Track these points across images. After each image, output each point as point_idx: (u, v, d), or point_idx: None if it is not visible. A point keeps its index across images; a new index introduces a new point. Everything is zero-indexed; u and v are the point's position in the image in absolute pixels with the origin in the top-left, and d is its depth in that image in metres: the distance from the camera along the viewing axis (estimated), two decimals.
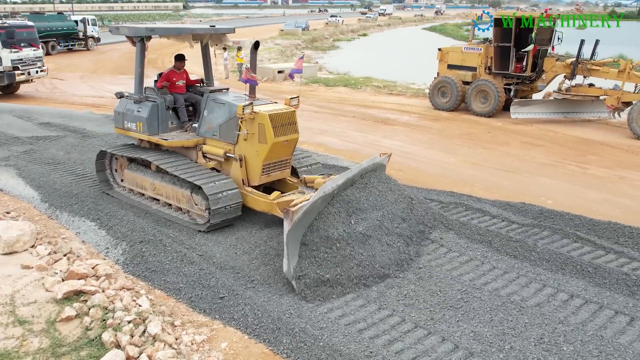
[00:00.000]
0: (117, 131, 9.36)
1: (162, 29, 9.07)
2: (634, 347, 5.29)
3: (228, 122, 8.07)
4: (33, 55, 20.01)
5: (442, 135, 15.08)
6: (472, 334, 5.47)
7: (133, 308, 5.79)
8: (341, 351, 5.17)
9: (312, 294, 6.05)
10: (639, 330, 5.59)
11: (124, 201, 8.99)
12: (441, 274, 6.65)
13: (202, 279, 6.47)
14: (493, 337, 5.43)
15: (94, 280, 6.36)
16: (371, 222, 6.88)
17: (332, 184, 6.75)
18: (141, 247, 7.22)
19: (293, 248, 6.20)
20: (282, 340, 5.41)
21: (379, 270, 6.49)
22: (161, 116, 8.76)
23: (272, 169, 8.12)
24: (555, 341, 5.37)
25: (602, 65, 16.30)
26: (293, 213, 6.02)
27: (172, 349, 5.12)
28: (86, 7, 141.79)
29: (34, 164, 10.79)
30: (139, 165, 9.07)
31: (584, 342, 5.36)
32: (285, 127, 7.80)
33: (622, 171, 11.92)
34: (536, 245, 7.27)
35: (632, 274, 6.55)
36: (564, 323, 5.68)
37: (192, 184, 7.85)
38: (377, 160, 7.87)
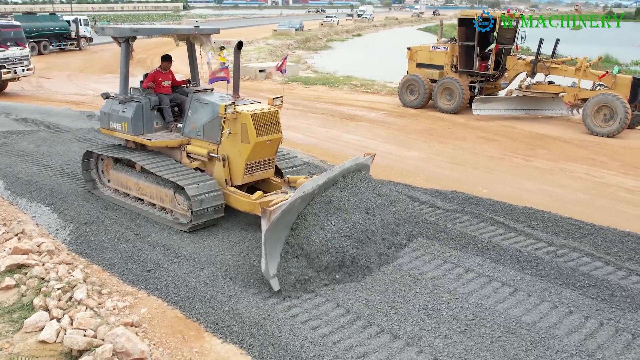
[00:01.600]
0: (103, 132, 9.46)
1: (145, 29, 9.26)
2: (508, 313, 5.92)
3: (212, 122, 8.13)
4: (19, 54, 20.60)
5: (403, 130, 15.71)
6: (365, 301, 6.12)
7: (66, 278, 6.44)
8: (242, 314, 5.83)
9: (288, 293, 6.19)
10: (518, 300, 6.23)
11: (109, 201, 9.13)
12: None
13: (134, 255, 7.13)
14: (383, 304, 6.07)
15: (37, 255, 7.02)
16: (351, 223, 6.90)
17: (312, 184, 6.77)
18: (85, 228, 7.88)
19: (271, 248, 6.23)
20: (194, 306, 6.06)
21: (359, 268, 6.65)
22: (146, 116, 8.82)
23: (255, 168, 8.18)
24: (437, 307, 6.01)
25: (561, 64, 16.94)
26: (270, 212, 6.06)
27: (92, 311, 5.76)
28: (86, 7, 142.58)
29: (3, 156, 11.45)
30: (125, 165, 9.14)
31: (463, 308, 6.00)
32: (267, 126, 7.83)
33: (565, 164, 12.54)
34: (446, 226, 7.91)
35: (524, 250, 7.20)
36: (451, 292, 6.32)
37: (175, 184, 7.92)
38: (360, 160, 7.90)
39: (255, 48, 45.29)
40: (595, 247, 7.66)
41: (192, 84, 9.81)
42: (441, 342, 5.39)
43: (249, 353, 5.31)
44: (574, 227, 8.20)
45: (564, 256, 7.29)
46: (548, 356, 5.18)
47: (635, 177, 11.59)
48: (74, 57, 36.46)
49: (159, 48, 34.78)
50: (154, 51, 35.40)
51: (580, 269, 6.76)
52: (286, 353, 5.21)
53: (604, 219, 8.69)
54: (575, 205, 9.62)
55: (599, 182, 11.24)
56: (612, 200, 10.07)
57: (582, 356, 5.18)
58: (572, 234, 8.03)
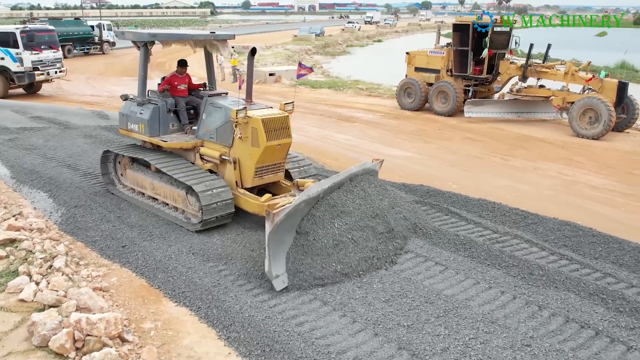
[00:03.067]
0: (122, 132, 9.80)
1: (163, 34, 9.42)
2: (433, 287, 6.61)
3: (224, 126, 8.33)
4: (53, 56, 21.72)
5: (393, 131, 16.41)
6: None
7: (49, 251, 7.35)
8: (196, 283, 6.65)
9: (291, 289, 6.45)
10: (445, 277, 6.91)
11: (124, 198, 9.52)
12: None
13: (113, 234, 8.03)
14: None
15: (28, 232, 7.94)
16: (354, 225, 7.11)
17: (317, 188, 6.91)
18: (74, 211, 8.81)
19: (274, 249, 6.42)
20: (158, 276, 6.91)
21: (357, 269, 6.89)
22: (162, 118, 9.09)
23: (265, 171, 8.37)
24: (369, 281, 6.75)
25: (551, 68, 17.47)
26: (274, 215, 6.25)
27: (67, 277, 6.64)
28: (115, 12, 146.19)
29: (14, 150, 12.50)
30: (141, 165, 9.44)
31: (393, 282, 6.72)
32: (278, 131, 7.99)
33: (540, 163, 13.12)
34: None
35: (461, 234, 7.89)
36: (388, 270, 7.05)
37: (187, 185, 8.15)
38: (367, 165, 8.02)
39: (272, 53, 46.35)
40: (536, 234, 8.30)
41: (207, 88, 10.08)
42: (364, 308, 6.13)
43: (196, 314, 6.11)
44: (519, 216, 8.85)
45: (505, 242, 7.95)
46: (455, 322, 5.88)
47: (605, 177, 12.12)
48: (96, 60, 37.96)
49: (177, 53, 35.98)
50: (173, 55, 36.56)
51: (506, 251, 7.44)
52: (227, 314, 6.01)
53: (560, 213, 9.21)
54: (538, 201, 10.21)
55: (568, 180, 11.80)
56: (575, 197, 10.64)
57: (486, 322, 5.87)
58: (517, 222, 8.68)
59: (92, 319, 5.37)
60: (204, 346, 5.58)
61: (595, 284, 6.55)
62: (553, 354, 5.31)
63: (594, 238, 8.00)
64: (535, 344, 5.47)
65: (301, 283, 6.51)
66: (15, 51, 20.20)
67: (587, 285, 6.52)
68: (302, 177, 8.98)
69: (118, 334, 5.43)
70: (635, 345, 5.49)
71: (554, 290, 6.54)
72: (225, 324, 5.88)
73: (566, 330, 5.77)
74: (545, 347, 5.43)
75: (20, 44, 20.12)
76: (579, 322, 5.87)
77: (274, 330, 5.69)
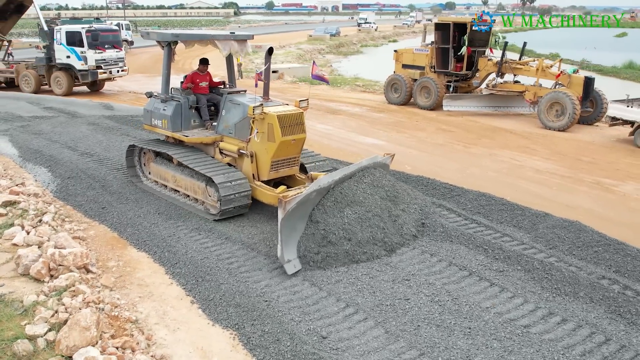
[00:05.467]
0: (146, 127, 10.36)
1: (185, 34, 9.92)
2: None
3: (242, 122, 8.78)
4: (115, 56, 22.27)
5: (373, 123, 17.72)
6: (249, 233, 8.31)
7: (41, 209, 8.89)
8: (156, 234, 8.12)
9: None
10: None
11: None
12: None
13: (96, 198, 9.56)
14: (261, 240, 8.24)
15: (26, 196, 9.50)
16: (363, 215, 7.47)
17: (328, 179, 7.35)
18: (67, 182, 10.37)
19: (286, 235, 6.86)
20: (127, 230, 8.39)
21: (365, 255, 7.30)
22: (184, 115, 9.58)
23: (281, 165, 8.74)
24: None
25: (525, 65, 18.60)
26: (286, 203, 6.68)
27: (51, 228, 8.16)
28: (141, 12, 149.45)
29: (24, 134, 14.16)
30: (164, 159, 10.01)
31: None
32: (293, 127, 8.36)
33: (498, 150, 14.32)
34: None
35: None
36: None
37: (207, 177, 8.70)
38: (378, 159, 8.43)
39: (285, 52, 47.82)
40: (457, 204, 9.59)
41: (227, 86, 10.55)
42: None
43: (152, 257, 7.57)
44: (446, 190, 10.15)
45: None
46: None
47: (553, 162, 13.27)
48: None
49: (191, 52, 37.73)
50: (187, 54, 38.34)
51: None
52: (175, 256, 7.48)
53: (494, 190, 10.36)
54: (481, 181, 11.41)
55: (517, 164, 13.00)
56: (515, 178, 11.84)
57: (406, 274, 7.21)
58: (444, 195, 9.98)
59: (63, 252, 6.86)
60: (153, 278, 7.04)
61: (484, 238, 7.84)
62: (427, 286, 6.64)
63: (503, 206, 9.29)
64: (414, 280, 6.81)
65: (308, 264, 7.04)
66: (80, 50, 20.89)
67: (475, 239, 7.82)
68: (316, 171, 9.32)
69: (84, 265, 6.91)
70: (497, 282, 6.78)
71: (448, 244, 7.84)
72: (172, 262, 7.34)
73: (445, 271, 7.09)
74: (421, 280, 6.76)
75: (85, 43, 20.81)
76: (458, 266, 7.18)
77: (208, 266, 7.14)
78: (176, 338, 5.77)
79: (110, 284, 6.79)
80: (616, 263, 7.34)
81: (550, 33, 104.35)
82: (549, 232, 8.28)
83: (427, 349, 5.46)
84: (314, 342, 5.53)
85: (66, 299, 6.05)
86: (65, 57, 21.21)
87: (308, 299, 6.39)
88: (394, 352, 5.41)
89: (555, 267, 6.98)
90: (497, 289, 6.64)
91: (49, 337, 5.46)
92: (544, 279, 6.81)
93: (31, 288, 6.45)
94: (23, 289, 6.44)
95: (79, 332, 5.29)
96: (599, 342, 5.65)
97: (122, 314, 6.00)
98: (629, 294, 6.49)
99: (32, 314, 5.88)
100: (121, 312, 6.04)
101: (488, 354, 5.38)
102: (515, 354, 5.40)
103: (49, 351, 5.31)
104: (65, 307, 5.91)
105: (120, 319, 5.87)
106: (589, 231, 8.19)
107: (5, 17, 23.93)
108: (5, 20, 24.30)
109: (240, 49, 9.81)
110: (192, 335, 5.82)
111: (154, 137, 11.01)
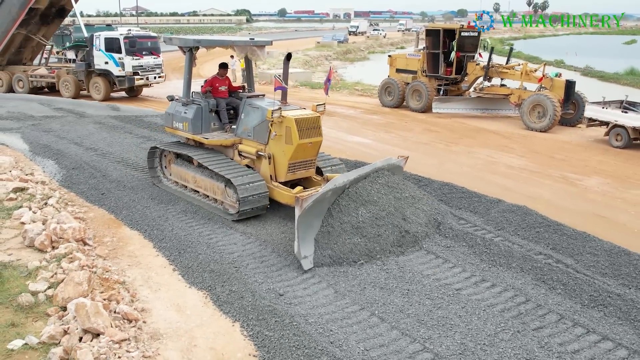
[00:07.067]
0: (167, 130, 10.72)
1: (207, 40, 10.32)
2: None
3: (261, 125, 9.01)
4: (153, 62, 22.74)
5: (364, 124, 18.67)
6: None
7: (47, 194, 9.94)
8: (147, 215, 9.13)
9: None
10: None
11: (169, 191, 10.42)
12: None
13: (97, 186, 10.59)
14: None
15: (33, 183, 10.56)
16: (375, 214, 7.76)
17: (343, 178, 7.65)
18: (72, 172, 11.42)
19: (303, 232, 7.12)
20: (122, 212, 9.40)
21: (376, 253, 7.55)
22: (204, 118, 9.87)
23: (298, 167, 8.98)
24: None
25: (510, 69, 19.49)
26: (302, 200, 6.96)
27: (55, 209, 9.19)
28: (154, 20, 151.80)
29: (35, 132, 15.28)
30: (184, 160, 10.34)
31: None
32: (310, 130, 8.65)
33: (477, 149, 15.18)
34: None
35: None
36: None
37: (226, 178, 8.93)
38: (392, 161, 8.73)
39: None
40: (423, 192, 10.49)
41: (247, 90, 10.83)
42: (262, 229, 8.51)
43: (142, 234, 8.57)
44: (414, 180, 11.04)
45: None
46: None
47: (527, 159, 14.13)
48: None
49: (207, 57, 39.00)
50: (202, 59, 39.55)
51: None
52: (162, 233, 8.47)
53: (464, 182, 11.19)
54: (454, 175, 12.23)
55: (491, 161, 13.89)
56: (487, 173, 12.72)
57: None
58: (415, 184, 10.89)
59: (63, 227, 7.89)
60: (142, 251, 8.04)
61: (438, 220, 8.73)
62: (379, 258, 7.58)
63: (463, 194, 10.22)
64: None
65: (323, 260, 7.30)
66: (118, 56, 21.38)
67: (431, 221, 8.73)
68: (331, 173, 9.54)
69: (81, 238, 7.93)
70: (442, 255, 7.70)
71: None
72: (159, 238, 8.34)
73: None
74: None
75: (123, 50, 21.33)
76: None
77: (190, 241, 8.13)
78: (157, 296, 6.74)
79: (104, 255, 7.80)
80: (553, 241, 8.23)
81: (560, 40, 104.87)
82: (499, 215, 9.18)
83: (367, 304, 6.40)
84: (271, 298, 6.49)
85: (64, 264, 7.08)
86: (103, 63, 21.75)
87: (273, 267, 7.36)
88: (338, 306, 6.36)
89: (494, 242, 7.89)
90: (441, 260, 7.56)
91: (48, 292, 6.49)
92: (484, 253, 7.72)
93: (35, 257, 7.47)
94: (28, 257, 7.46)
95: (72, 286, 6.28)
96: (519, 302, 6.56)
97: (111, 277, 6.99)
98: (554, 264, 7.38)
99: (34, 275, 6.91)
100: (111, 276, 7.03)
101: (419, 309, 6.31)
102: (443, 309, 6.31)
103: (47, 303, 6.32)
104: (63, 269, 6.93)
105: (110, 281, 6.86)
106: (534, 214, 9.08)
107: (47, 21, 24.67)
108: (48, 25, 25.09)
109: (260, 54, 10.10)
110: (170, 294, 6.80)
111: (169, 139, 11.67)
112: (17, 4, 22.48)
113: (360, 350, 5.51)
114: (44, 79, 24.28)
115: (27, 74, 24.34)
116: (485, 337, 5.76)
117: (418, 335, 5.79)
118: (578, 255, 7.81)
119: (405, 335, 5.79)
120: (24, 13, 22.58)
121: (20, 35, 24.06)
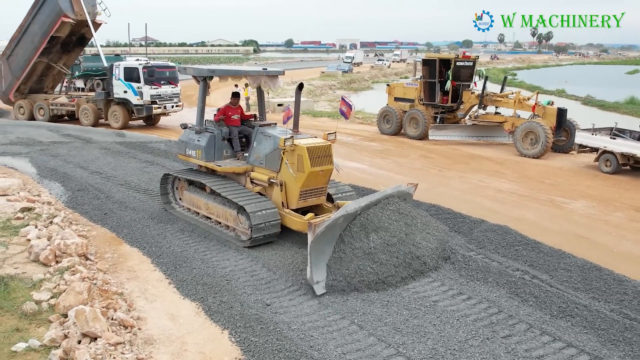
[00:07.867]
0: (180, 157, 10.91)
1: (221, 70, 10.65)
2: None
3: (273, 153, 9.18)
4: (170, 92, 23.09)
5: (362, 150, 19.22)
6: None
7: (53, 214, 10.46)
8: (147, 233, 9.63)
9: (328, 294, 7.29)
10: None
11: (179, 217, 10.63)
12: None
13: (100, 206, 11.12)
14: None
15: (40, 204, 11.10)
16: (386, 241, 7.82)
17: (354, 205, 7.74)
18: (77, 193, 11.97)
19: (315, 258, 7.24)
20: (123, 230, 9.89)
21: (386, 282, 7.59)
22: (217, 145, 10.02)
23: (309, 194, 9.09)
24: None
25: (504, 97, 20.10)
26: (315, 226, 7.07)
27: (59, 227, 9.71)
28: (162, 50, 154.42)
29: (43, 156, 15.91)
30: (197, 187, 10.51)
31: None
32: (321, 158, 8.77)
33: (470, 174, 15.65)
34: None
35: None
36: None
37: (238, 205, 9.05)
38: (401, 188, 8.86)
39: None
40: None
41: (259, 119, 11.02)
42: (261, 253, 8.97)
43: (141, 250, 9.05)
44: None
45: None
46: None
47: (517, 184, 14.59)
48: None
49: (212, 85, 39.95)
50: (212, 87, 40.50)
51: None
52: (160, 249, 8.96)
53: (453, 205, 11.58)
54: (445, 198, 12.67)
55: (482, 185, 14.35)
56: (476, 196, 13.17)
57: None
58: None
59: (67, 242, 8.41)
60: (140, 266, 8.51)
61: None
62: None
63: (448, 215, 10.69)
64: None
65: (336, 285, 7.40)
66: (137, 85, 21.87)
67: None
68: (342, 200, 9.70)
69: (83, 253, 8.43)
70: (427, 274, 8.13)
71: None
72: (157, 254, 8.82)
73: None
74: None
75: (141, 79, 21.81)
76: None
77: (185, 257, 8.61)
78: (152, 307, 7.20)
79: (104, 269, 8.29)
80: (530, 258, 8.66)
81: (563, 70, 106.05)
82: (481, 234, 9.62)
83: (348, 314, 6.84)
84: (258, 307, 6.94)
85: (67, 276, 7.58)
86: (122, 92, 22.30)
87: (262, 280, 7.82)
88: (320, 315, 6.80)
89: (472, 259, 8.33)
90: (420, 275, 7.98)
91: (51, 301, 6.97)
92: (463, 269, 8.15)
93: (40, 270, 7.97)
94: (33, 270, 7.96)
95: (73, 295, 6.76)
96: (492, 313, 6.97)
97: (110, 288, 7.46)
98: (529, 279, 7.79)
99: (39, 286, 7.40)
100: (110, 287, 7.50)
101: (396, 318, 6.73)
102: (419, 319, 6.73)
103: (50, 311, 6.79)
104: (66, 281, 7.43)
105: (109, 292, 7.33)
106: (513, 233, 9.52)
107: (68, 49, 25.55)
108: (68, 53, 26.00)
109: (272, 84, 10.37)
110: (165, 305, 7.25)
111: (172, 164, 12.25)
112: (39, 33, 23.36)
113: (338, 354, 5.93)
114: (64, 107, 25.01)
115: (47, 102, 25.12)
116: (455, 343, 6.17)
117: (393, 341, 6.21)
118: (553, 271, 8.22)
119: (381, 341, 6.21)
120: (46, 41, 23.44)
121: (42, 64, 24.92)
